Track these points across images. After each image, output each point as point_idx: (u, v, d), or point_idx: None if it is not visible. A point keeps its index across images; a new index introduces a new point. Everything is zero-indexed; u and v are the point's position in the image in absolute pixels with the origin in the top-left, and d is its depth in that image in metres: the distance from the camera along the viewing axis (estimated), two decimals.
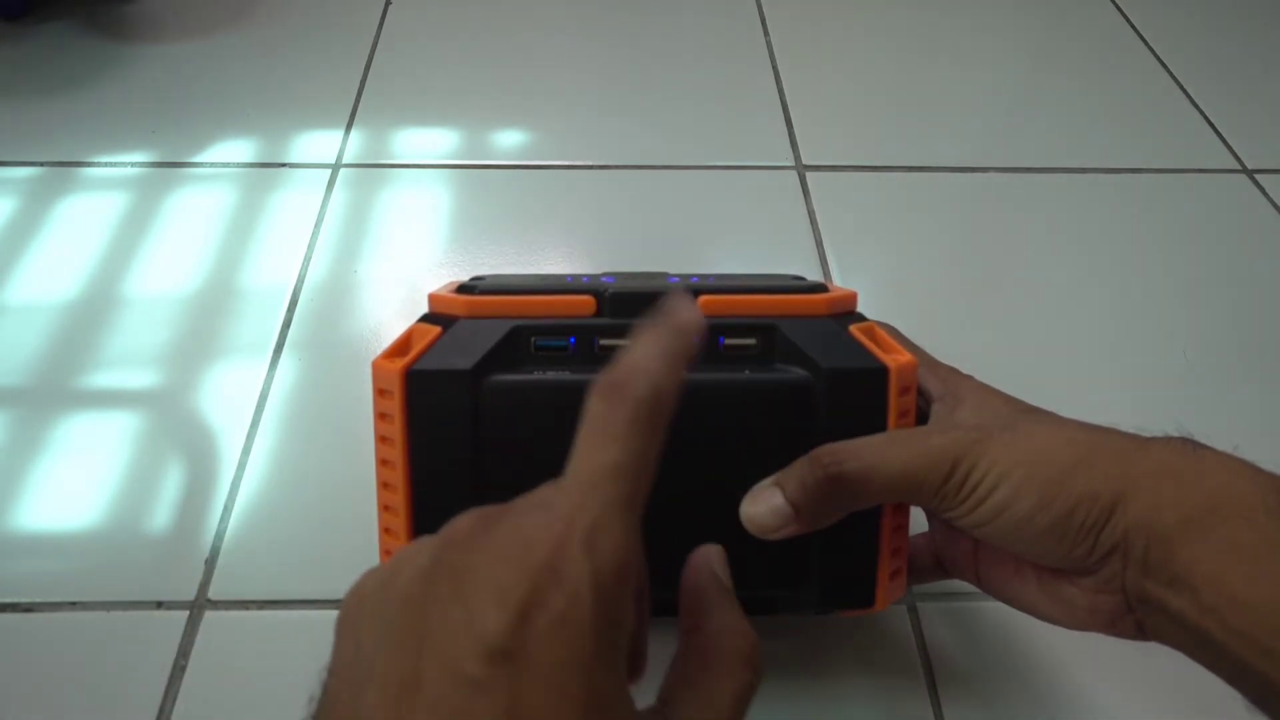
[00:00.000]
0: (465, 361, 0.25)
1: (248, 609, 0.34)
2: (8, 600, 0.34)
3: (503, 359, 0.25)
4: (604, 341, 0.26)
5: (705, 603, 0.21)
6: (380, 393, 0.26)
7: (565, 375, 0.25)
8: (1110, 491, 0.22)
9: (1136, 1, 0.66)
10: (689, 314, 0.20)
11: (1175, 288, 0.47)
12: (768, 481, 0.25)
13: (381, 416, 0.26)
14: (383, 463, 0.26)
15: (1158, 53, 0.62)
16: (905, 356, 0.26)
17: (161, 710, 0.31)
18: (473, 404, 0.25)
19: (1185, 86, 0.60)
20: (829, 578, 0.26)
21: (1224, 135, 0.56)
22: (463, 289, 0.28)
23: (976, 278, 0.47)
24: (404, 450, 0.25)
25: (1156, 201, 0.52)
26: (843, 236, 0.49)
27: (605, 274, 0.29)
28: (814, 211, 0.50)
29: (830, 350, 0.25)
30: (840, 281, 0.46)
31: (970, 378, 0.28)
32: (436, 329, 0.26)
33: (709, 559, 0.22)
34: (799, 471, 0.24)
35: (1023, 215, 0.51)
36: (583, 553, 0.16)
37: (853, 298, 0.28)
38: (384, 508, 0.26)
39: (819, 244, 0.48)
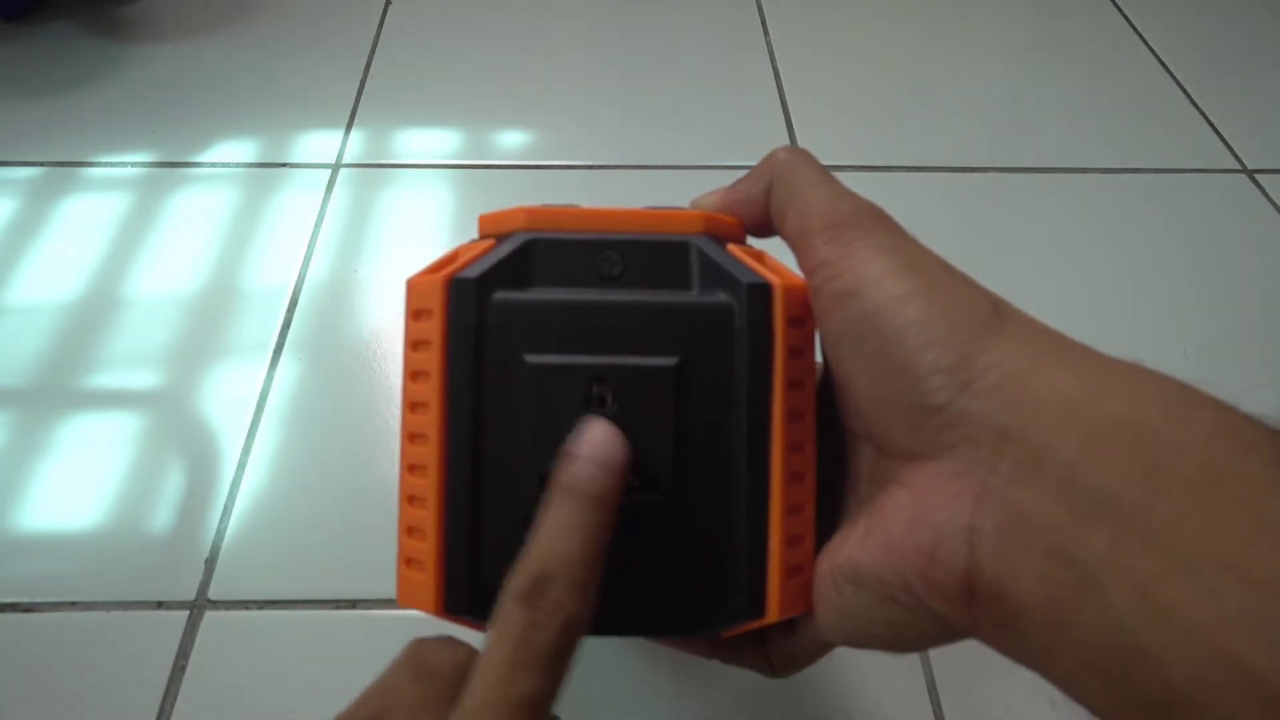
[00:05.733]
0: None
1: (248, 609, 0.34)
2: (8, 600, 0.34)
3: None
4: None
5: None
6: (415, 315, 0.21)
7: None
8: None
9: (1136, 1, 0.66)
10: (604, 476, 0.19)
11: (1175, 288, 0.47)
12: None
13: (415, 346, 0.21)
14: (413, 407, 0.21)
15: (1158, 53, 0.62)
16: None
17: (161, 710, 0.31)
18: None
19: (1185, 86, 0.60)
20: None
21: (1224, 135, 0.56)
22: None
23: (975, 277, 0.47)
24: (441, 387, 0.20)
25: (1156, 201, 0.52)
26: None
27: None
28: None
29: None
30: None
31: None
32: (488, 242, 0.22)
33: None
34: None
35: (1023, 215, 0.51)
36: None
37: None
38: (409, 468, 0.21)
39: None
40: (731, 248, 0.21)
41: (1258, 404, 0.15)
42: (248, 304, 0.45)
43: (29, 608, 0.34)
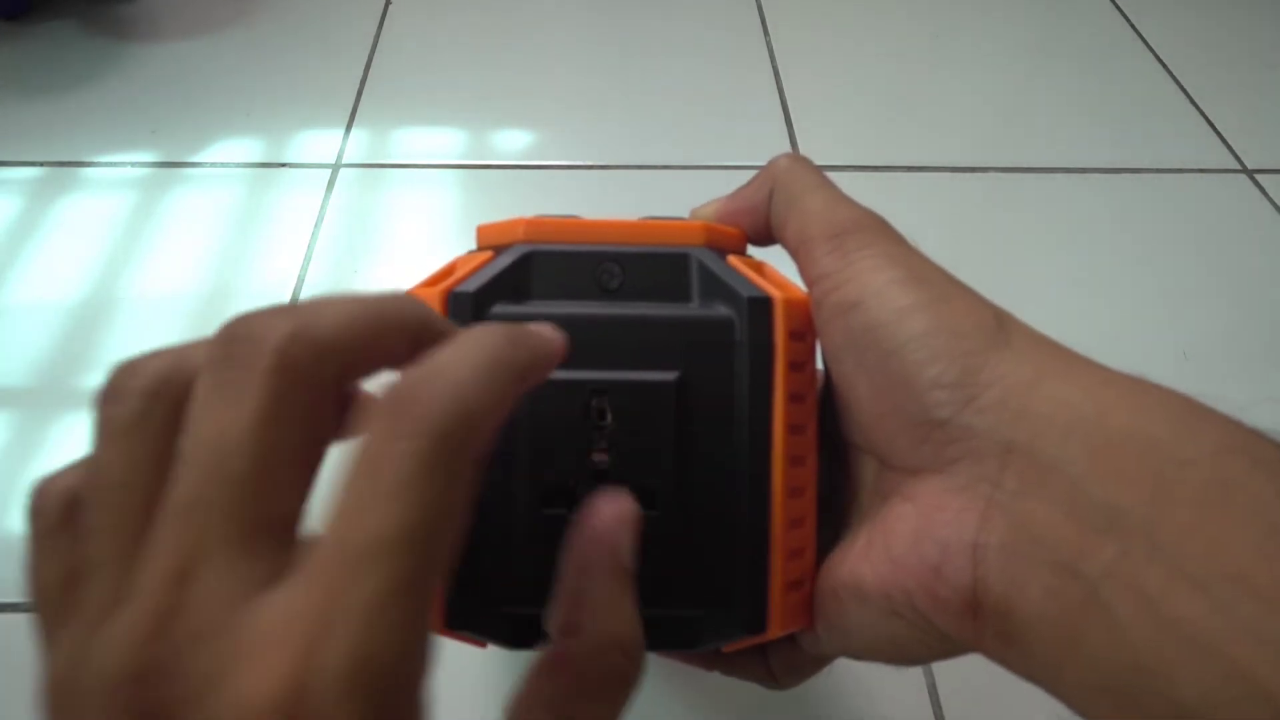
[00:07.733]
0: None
1: None
2: (8, 600, 0.34)
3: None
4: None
5: (593, 593, 0.16)
6: None
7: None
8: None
9: (1136, 1, 0.66)
10: (547, 334, 0.16)
11: (1175, 288, 0.47)
12: None
13: None
14: None
15: (1158, 53, 0.62)
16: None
17: None
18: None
19: (1185, 86, 0.60)
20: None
21: (1224, 135, 0.56)
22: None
23: (976, 278, 0.47)
24: None
25: (1156, 201, 0.52)
26: None
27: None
28: None
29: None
30: None
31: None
32: (486, 254, 0.21)
33: (610, 523, 0.16)
34: None
35: (1023, 215, 0.51)
36: (340, 686, 0.10)
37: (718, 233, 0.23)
38: None
39: None
40: (732, 259, 0.21)
41: (1264, 419, 0.15)
42: (248, 304, 0.44)
43: (29, 608, 0.34)
